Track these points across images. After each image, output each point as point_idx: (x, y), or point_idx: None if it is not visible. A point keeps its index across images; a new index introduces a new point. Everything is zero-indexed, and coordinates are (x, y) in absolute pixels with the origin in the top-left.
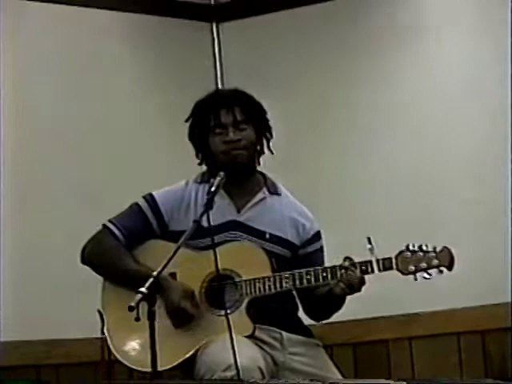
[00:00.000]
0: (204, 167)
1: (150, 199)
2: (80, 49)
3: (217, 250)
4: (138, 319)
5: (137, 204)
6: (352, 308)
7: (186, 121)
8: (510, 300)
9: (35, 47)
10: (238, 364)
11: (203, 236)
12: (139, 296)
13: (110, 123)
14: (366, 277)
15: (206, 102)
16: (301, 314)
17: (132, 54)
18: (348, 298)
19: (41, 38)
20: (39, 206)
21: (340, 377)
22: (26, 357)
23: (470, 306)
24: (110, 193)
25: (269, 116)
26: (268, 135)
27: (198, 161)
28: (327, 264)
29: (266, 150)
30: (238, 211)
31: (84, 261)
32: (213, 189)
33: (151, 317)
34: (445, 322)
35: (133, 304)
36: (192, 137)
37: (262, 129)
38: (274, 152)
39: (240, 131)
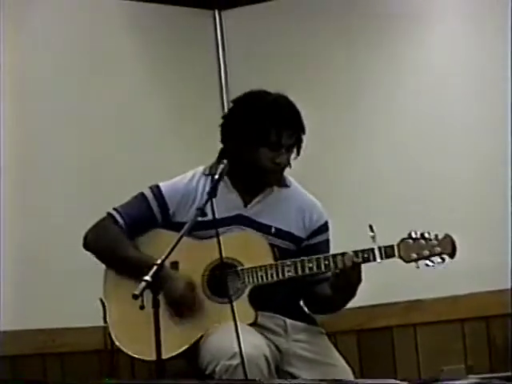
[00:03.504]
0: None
1: (155, 190)
2: (82, 37)
3: (219, 238)
4: (142, 307)
5: (142, 194)
6: (356, 295)
7: (237, 119)
8: None
9: (38, 36)
10: (243, 352)
11: (209, 227)
12: (143, 284)
13: (112, 111)
14: (369, 264)
15: (274, 113)
16: None
17: (134, 42)
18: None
19: (45, 26)
20: (40, 193)
21: (344, 363)
22: (29, 346)
23: (474, 292)
24: (112, 181)
25: None
26: (298, 153)
27: (218, 152)
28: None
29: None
30: (245, 205)
31: (86, 246)
32: (216, 176)
33: (156, 305)
34: (449, 309)
35: (137, 292)
36: (240, 135)
37: (300, 150)
38: (291, 166)
39: (288, 153)
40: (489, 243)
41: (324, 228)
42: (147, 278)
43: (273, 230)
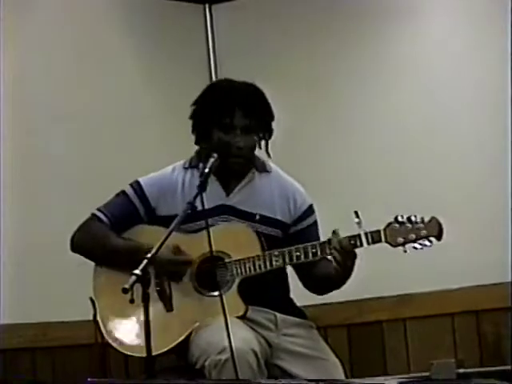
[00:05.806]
0: (191, 153)
1: (136, 186)
2: (76, 37)
3: (206, 231)
4: (132, 301)
5: (123, 191)
6: (346, 289)
7: (195, 103)
8: (504, 280)
9: (36, 37)
10: (232, 346)
11: (194, 220)
12: (133, 278)
13: (106, 107)
14: (359, 258)
15: (224, 94)
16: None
17: (125, 38)
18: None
19: (43, 27)
20: (37, 192)
21: (334, 358)
22: (21, 340)
23: (464, 286)
24: (111, 181)
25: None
26: (268, 138)
27: (193, 143)
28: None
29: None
30: (227, 195)
31: (73, 248)
32: (206, 170)
33: (145, 299)
34: (439, 303)
35: (127, 286)
36: (196, 118)
37: (267, 134)
38: (271, 156)
39: (246, 135)
40: (480, 238)
41: (309, 211)
42: (137, 271)
43: (257, 217)
